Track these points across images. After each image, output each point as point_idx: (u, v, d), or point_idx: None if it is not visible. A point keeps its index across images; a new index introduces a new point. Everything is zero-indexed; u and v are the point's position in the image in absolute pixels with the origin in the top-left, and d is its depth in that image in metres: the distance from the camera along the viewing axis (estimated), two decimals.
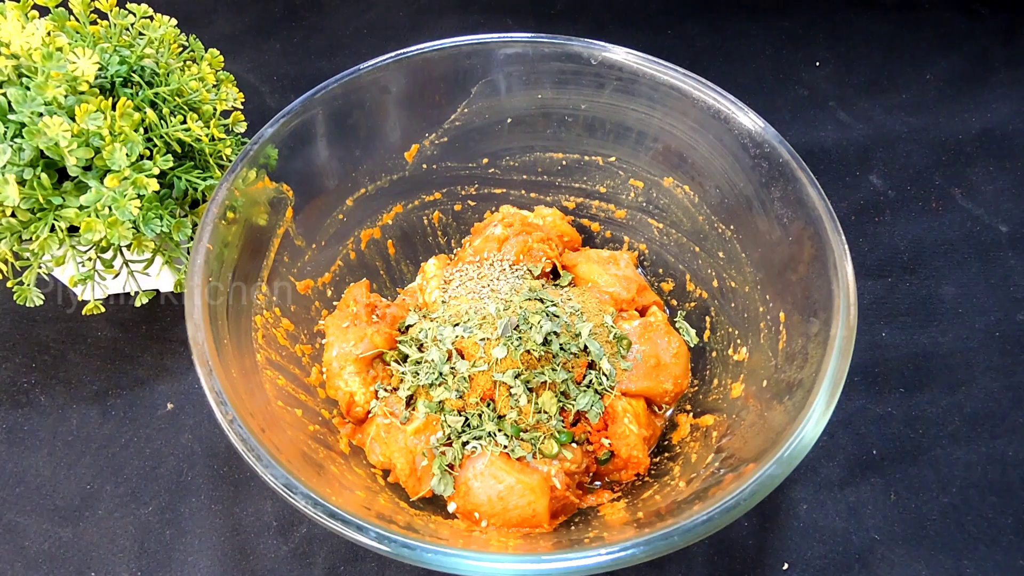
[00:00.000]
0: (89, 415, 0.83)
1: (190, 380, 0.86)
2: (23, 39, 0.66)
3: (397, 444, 0.71)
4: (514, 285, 0.77)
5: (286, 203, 0.76)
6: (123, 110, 0.67)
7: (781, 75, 1.17)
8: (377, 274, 0.88)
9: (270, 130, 0.72)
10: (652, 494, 0.68)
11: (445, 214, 0.91)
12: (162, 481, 0.79)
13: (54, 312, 0.90)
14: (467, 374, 0.70)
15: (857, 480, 0.79)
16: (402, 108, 0.81)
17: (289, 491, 0.53)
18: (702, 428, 0.72)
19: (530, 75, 0.81)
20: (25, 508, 0.77)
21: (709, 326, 0.81)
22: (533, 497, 0.65)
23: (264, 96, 1.15)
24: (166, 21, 0.80)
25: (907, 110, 1.11)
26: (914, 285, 0.94)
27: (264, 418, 0.61)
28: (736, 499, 0.53)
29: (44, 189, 0.66)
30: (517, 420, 0.69)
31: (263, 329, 0.71)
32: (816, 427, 0.56)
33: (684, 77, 0.76)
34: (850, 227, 0.98)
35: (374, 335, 0.75)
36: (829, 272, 0.63)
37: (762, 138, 0.71)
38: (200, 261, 0.63)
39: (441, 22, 1.26)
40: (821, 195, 0.66)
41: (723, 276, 0.79)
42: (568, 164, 0.88)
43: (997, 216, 0.99)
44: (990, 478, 0.79)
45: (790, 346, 0.67)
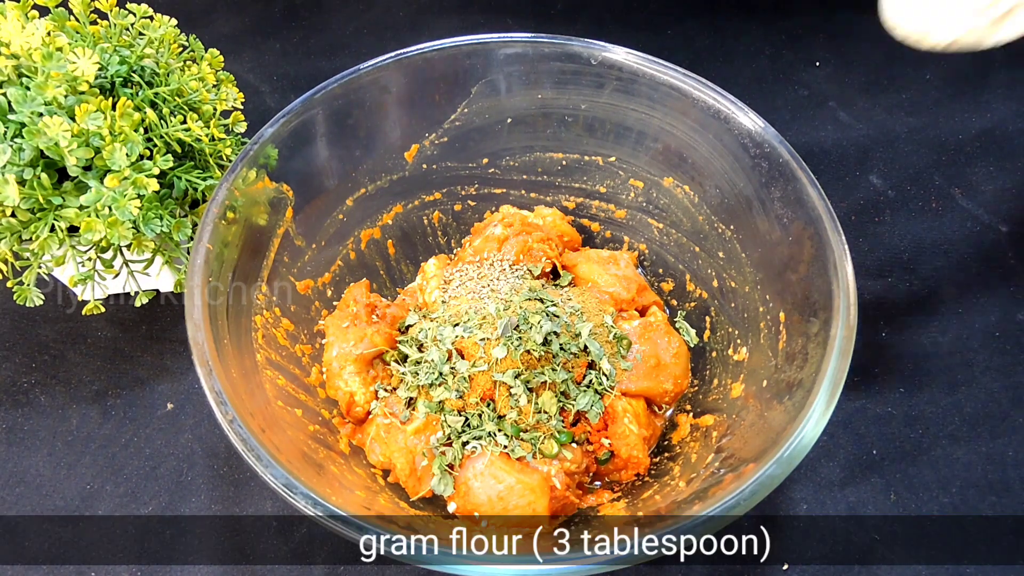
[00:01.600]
0: (89, 415, 0.83)
1: (190, 380, 0.86)
2: (23, 39, 0.66)
3: (397, 444, 0.71)
4: (514, 285, 0.77)
5: (286, 203, 0.76)
6: (123, 110, 0.67)
7: (781, 75, 1.17)
8: (377, 274, 0.88)
9: (270, 130, 0.72)
10: (652, 494, 0.68)
11: (445, 214, 0.91)
12: (162, 481, 0.79)
13: (54, 312, 0.90)
14: (467, 374, 0.70)
15: (857, 480, 0.79)
16: (402, 108, 0.81)
17: (289, 491, 0.53)
18: (702, 428, 0.72)
19: (530, 75, 0.81)
20: (25, 508, 0.77)
21: (709, 326, 0.81)
22: (533, 497, 0.65)
23: (264, 96, 1.15)
24: (166, 21, 0.80)
25: (907, 110, 1.10)
26: (914, 285, 0.93)
27: (264, 418, 0.61)
28: (736, 499, 0.53)
29: (44, 189, 0.66)
30: (517, 420, 0.69)
31: (263, 329, 0.71)
32: (816, 427, 0.56)
33: (684, 77, 0.76)
34: (850, 227, 0.98)
35: (374, 335, 0.75)
36: (829, 272, 0.63)
37: (762, 138, 0.71)
38: (200, 261, 0.63)
39: (441, 22, 1.26)
40: (821, 195, 0.66)
41: (723, 276, 0.79)
42: (568, 164, 0.88)
43: (997, 216, 0.99)
44: (990, 478, 0.79)
45: (790, 346, 0.67)
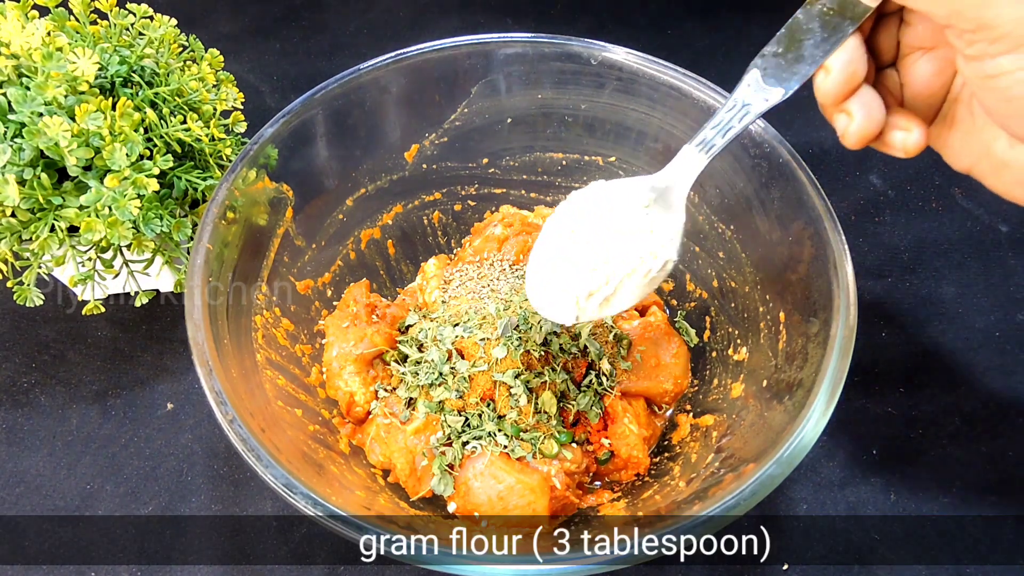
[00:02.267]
0: (89, 415, 0.83)
1: (190, 380, 0.86)
2: (23, 39, 0.66)
3: (397, 444, 0.71)
4: (514, 285, 0.77)
5: (286, 203, 0.76)
6: (123, 110, 0.67)
7: None
8: (377, 274, 0.88)
9: (270, 130, 0.72)
10: (652, 494, 0.68)
11: (445, 214, 0.91)
12: (162, 481, 0.79)
13: (54, 312, 0.90)
14: (467, 374, 0.70)
15: (857, 480, 0.79)
16: (402, 108, 0.81)
17: (289, 491, 0.53)
18: (702, 428, 0.72)
19: (530, 75, 0.81)
20: (25, 508, 0.77)
21: (709, 326, 0.81)
22: (533, 497, 0.65)
23: (264, 96, 1.15)
24: (166, 21, 0.80)
25: None
26: (914, 285, 0.94)
27: (264, 418, 0.61)
28: (736, 499, 0.53)
29: (44, 189, 0.66)
30: (517, 420, 0.69)
31: (263, 329, 0.71)
32: (816, 427, 0.56)
33: (684, 77, 0.76)
34: (850, 227, 0.98)
35: (374, 335, 0.75)
36: (829, 272, 0.63)
37: (762, 138, 0.71)
38: (200, 261, 0.63)
39: (441, 22, 1.26)
40: (821, 195, 0.66)
41: (723, 276, 0.79)
42: (568, 164, 0.88)
43: (997, 216, 0.99)
44: (990, 478, 0.79)
45: (790, 346, 0.67)
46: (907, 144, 0.52)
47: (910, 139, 0.51)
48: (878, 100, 0.51)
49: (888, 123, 0.52)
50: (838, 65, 0.50)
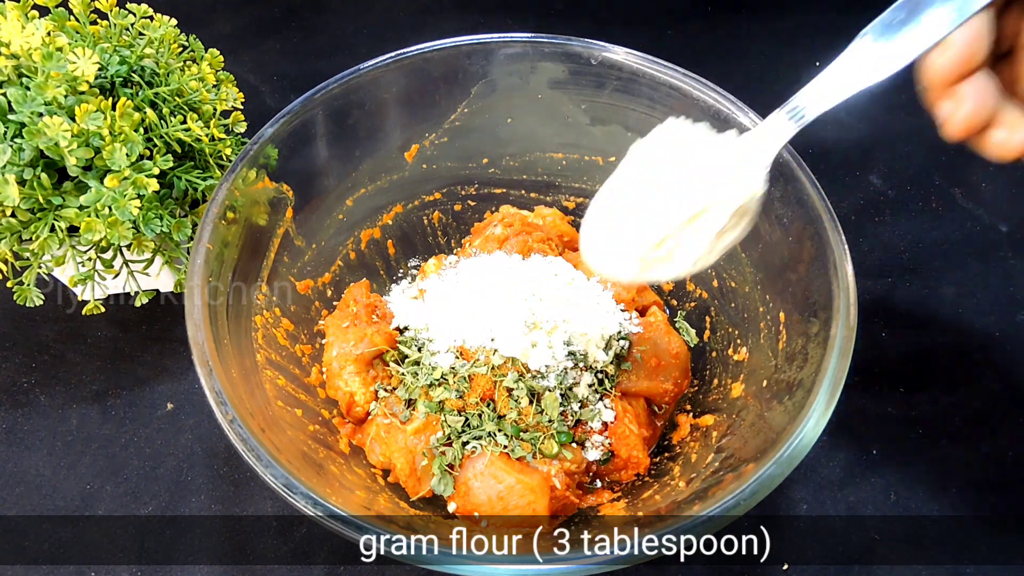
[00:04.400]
0: (89, 415, 0.83)
1: (190, 380, 0.86)
2: (23, 39, 0.66)
3: (397, 444, 0.71)
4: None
5: (286, 203, 0.76)
6: (123, 110, 0.67)
7: (781, 75, 1.17)
8: (377, 274, 0.88)
9: (270, 130, 0.72)
10: (652, 494, 0.68)
11: (445, 214, 0.91)
12: (162, 481, 0.79)
13: (54, 312, 0.90)
14: (467, 374, 0.70)
15: (857, 480, 0.79)
16: (402, 108, 0.81)
17: (289, 491, 0.53)
18: (702, 428, 0.72)
19: (530, 75, 0.81)
20: (25, 508, 0.77)
21: (709, 326, 0.81)
22: (533, 497, 0.65)
23: (264, 96, 1.15)
24: (166, 21, 0.80)
25: (907, 110, 1.10)
26: (914, 285, 0.94)
27: (264, 418, 0.61)
28: (736, 499, 0.53)
29: (44, 189, 0.66)
30: (517, 420, 0.69)
31: (263, 329, 0.71)
32: (816, 427, 0.56)
33: (684, 77, 0.76)
34: (850, 227, 0.98)
35: (374, 335, 0.75)
36: (829, 272, 0.63)
37: None
38: (200, 261, 0.63)
39: (441, 22, 1.26)
40: (821, 195, 0.66)
41: (723, 276, 0.79)
42: (568, 164, 0.88)
43: (997, 216, 0.99)
44: (990, 478, 0.79)
45: (790, 346, 0.67)
46: (1008, 145, 0.45)
47: (1013, 140, 0.45)
48: (992, 88, 0.45)
49: (994, 118, 0.45)
50: (961, 40, 0.43)
